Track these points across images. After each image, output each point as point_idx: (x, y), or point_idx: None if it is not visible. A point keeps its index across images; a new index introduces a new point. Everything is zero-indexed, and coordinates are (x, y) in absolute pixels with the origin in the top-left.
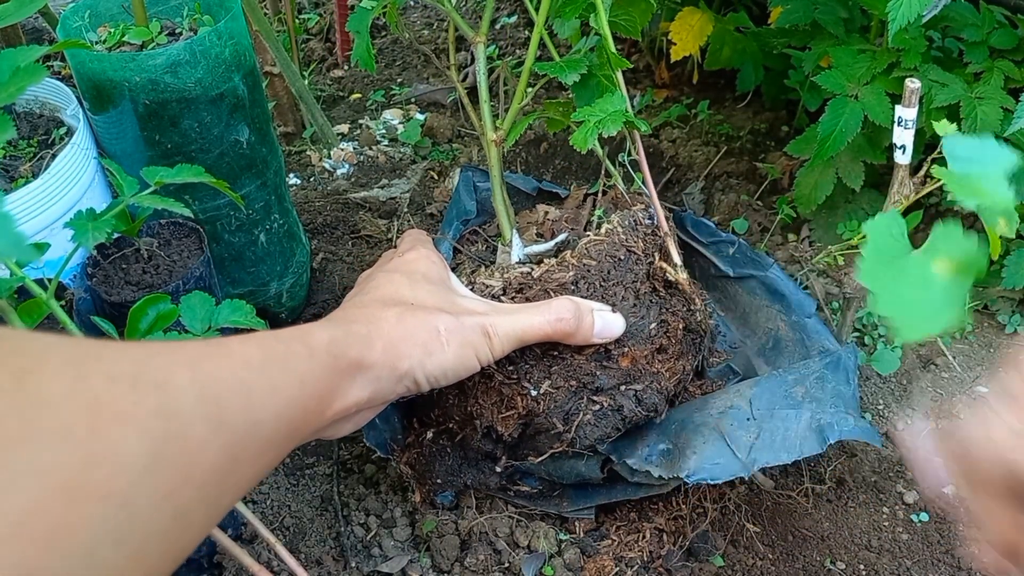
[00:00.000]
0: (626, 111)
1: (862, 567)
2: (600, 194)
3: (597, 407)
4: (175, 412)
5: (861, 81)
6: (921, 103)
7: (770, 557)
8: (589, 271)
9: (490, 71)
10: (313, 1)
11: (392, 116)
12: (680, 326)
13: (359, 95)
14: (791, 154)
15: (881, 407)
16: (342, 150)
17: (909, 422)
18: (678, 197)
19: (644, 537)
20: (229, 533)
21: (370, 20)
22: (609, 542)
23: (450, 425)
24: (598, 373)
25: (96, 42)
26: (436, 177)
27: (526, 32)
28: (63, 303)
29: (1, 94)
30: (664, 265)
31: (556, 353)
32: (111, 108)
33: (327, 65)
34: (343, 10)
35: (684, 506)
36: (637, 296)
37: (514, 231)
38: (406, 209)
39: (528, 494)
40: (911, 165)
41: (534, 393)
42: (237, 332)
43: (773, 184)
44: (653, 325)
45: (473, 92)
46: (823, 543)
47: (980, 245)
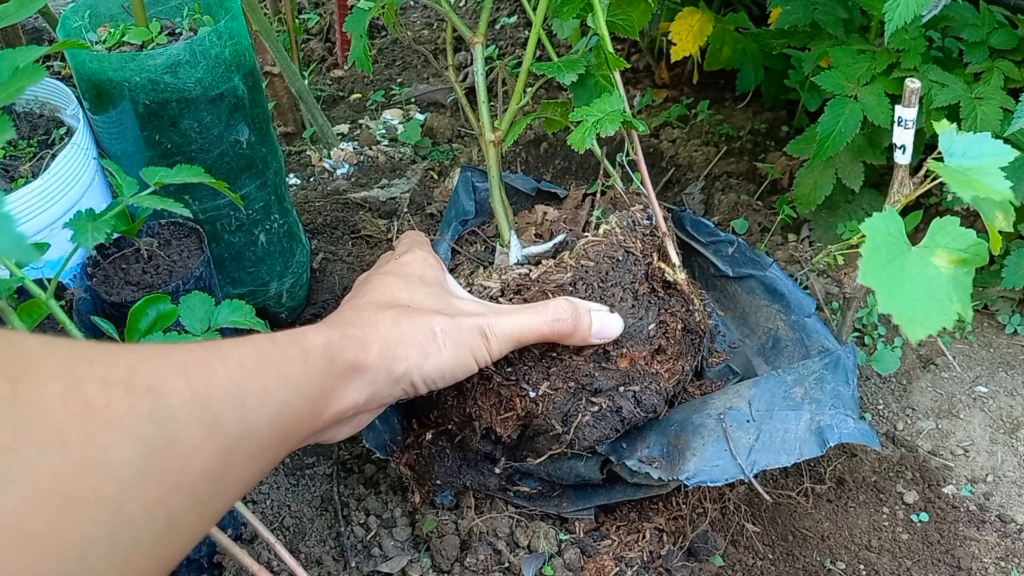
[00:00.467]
0: (624, 111)
1: (862, 567)
2: (599, 194)
3: (596, 408)
4: (168, 417)
5: (861, 81)
6: (921, 103)
7: (770, 557)
8: (587, 272)
9: (489, 71)
10: (313, 1)
11: (392, 116)
12: (679, 327)
13: (359, 95)
14: (791, 154)
15: (881, 407)
16: (342, 150)
17: (909, 422)
18: (678, 197)
19: (644, 537)
20: (229, 533)
21: (367, 21)
22: (609, 542)
23: (449, 426)
24: (597, 374)
25: (96, 42)
26: (436, 177)
27: (526, 32)
28: (63, 303)
29: (1, 94)
30: (663, 265)
31: (555, 354)
32: (111, 108)
33: (327, 65)
34: (343, 10)
35: (684, 506)
36: (635, 297)
37: (512, 232)
38: (406, 209)
39: (528, 495)
40: (911, 165)
41: (533, 394)
42: (237, 332)
43: (773, 184)
44: (652, 326)
45: (472, 92)
46: (823, 543)
47: (980, 240)
